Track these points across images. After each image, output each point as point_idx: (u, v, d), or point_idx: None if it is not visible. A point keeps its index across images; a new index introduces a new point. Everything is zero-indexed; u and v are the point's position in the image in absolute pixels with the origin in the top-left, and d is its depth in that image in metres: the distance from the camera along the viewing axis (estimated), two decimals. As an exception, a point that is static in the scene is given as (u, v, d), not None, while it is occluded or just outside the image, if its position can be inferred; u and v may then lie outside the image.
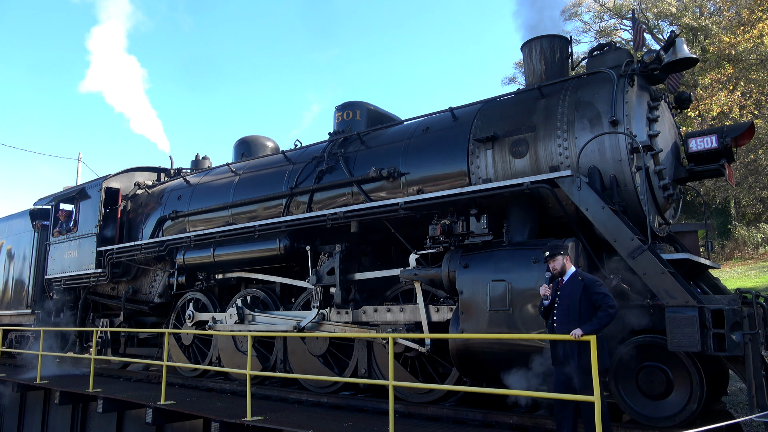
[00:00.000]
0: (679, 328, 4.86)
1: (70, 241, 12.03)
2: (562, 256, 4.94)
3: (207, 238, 9.12)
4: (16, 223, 14.17)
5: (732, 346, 4.67)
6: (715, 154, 6.14)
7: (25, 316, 13.22)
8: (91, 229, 11.47)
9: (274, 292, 9.11)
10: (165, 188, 11.36)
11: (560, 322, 4.85)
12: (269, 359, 8.87)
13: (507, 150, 6.67)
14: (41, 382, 10.30)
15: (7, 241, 14.36)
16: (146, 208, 11.43)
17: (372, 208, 7.14)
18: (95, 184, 11.78)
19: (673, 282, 5.01)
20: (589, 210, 5.54)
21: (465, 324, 5.99)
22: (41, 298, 12.92)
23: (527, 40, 7.40)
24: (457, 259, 6.26)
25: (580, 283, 4.83)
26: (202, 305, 9.95)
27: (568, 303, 4.81)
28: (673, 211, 6.99)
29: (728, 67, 19.00)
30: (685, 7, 21.98)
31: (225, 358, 9.38)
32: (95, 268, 11.16)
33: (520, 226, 6.21)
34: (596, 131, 6.03)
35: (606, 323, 4.65)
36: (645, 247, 5.18)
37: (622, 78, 6.16)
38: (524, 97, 7.02)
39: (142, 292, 11.03)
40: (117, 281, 11.37)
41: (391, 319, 7.16)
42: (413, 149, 7.57)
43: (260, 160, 9.94)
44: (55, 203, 12.77)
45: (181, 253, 9.63)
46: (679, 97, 7.03)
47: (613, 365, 5.65)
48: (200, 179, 10.66)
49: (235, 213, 9.50)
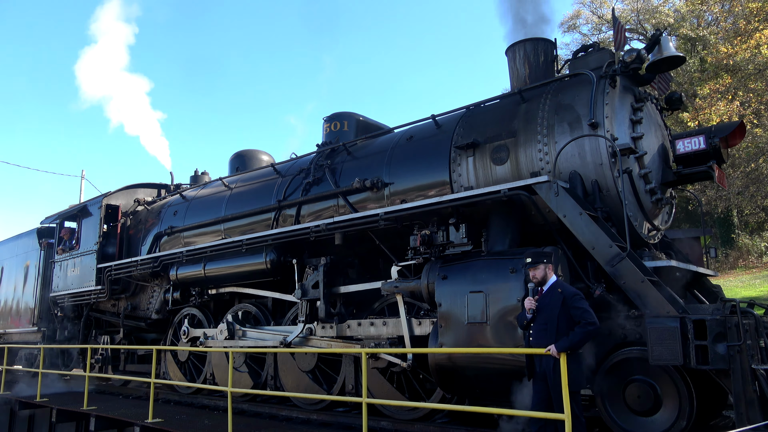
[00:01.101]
0: (660, 340, 4.57)
1: (73, 258, 12.13)
2: (545, 264, 4.66)
3: (198, 253, 9.08)
4: (24, 241, 14.38)
5: (716, 359, 4.37)
6: (704, 156, 5.84)
7: (32, 334, 13.34)
8: (92, 246, 11.54)
9: (266, 307, 8.99)
10: (163, 204, 11.39)
11: (537, 336, 4.58)
12: (261, 375, 8.73)
13: (488, 157, 6.47)
14: (41, 400, 10.32)
15: (17, 259, 14.57)
16: (145, 224, 11.46)
17: (353, 219, 6.99)
18: (96, 201, 11.87)
19: (653, 291, 4.74)
20: (567, 216, 5.30)
21: (444, 338, 5.77)
22: (47, 315, 13.03)
23: (511, 44, 7.22)
24: (436, 270, 6.06)
25: (560, 296, 4.55)
26: (198, 321, 9.89)
27: (546, 316, 4.54)
28: (666, 216, 6.69)
29: (726, 77, 19.01)
30: (682, 18, 21.86)
31: (218, 374, 9.28)
32: (95, 285, 11.21)
33: (501, 235, 5.99)
34: (576, 135, 5.80)
35: (582, 340, 4.36)
36: (623, 254, 4.92)
37: (603, 79, 5.93)
38: (506, 102, 6.83)
39: (140, 308, 11.03)
40: (117, 298, 11.39)
41: (374, 333, 6.97)
42: (396, 159, 7.42)
43: (251, 173, 9.88)
44: (59, 221, 12.92)
45: (174, 268, 9.59)
46: (670, 97, 6.75)
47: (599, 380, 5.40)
48: (195, 194, 10.66)
49: (227, 227, 9.45)
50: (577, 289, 5.59)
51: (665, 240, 7.12)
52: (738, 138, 6.07)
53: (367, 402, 5.44)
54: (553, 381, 4.38)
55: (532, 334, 4.56)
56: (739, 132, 6.02)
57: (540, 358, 4.49)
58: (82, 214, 12.15)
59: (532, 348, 4.49)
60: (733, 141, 6.03)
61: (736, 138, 6.03)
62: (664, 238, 7.16)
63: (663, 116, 6.76)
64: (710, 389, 5.13)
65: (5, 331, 14.53)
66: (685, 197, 18.50)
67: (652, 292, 4.73)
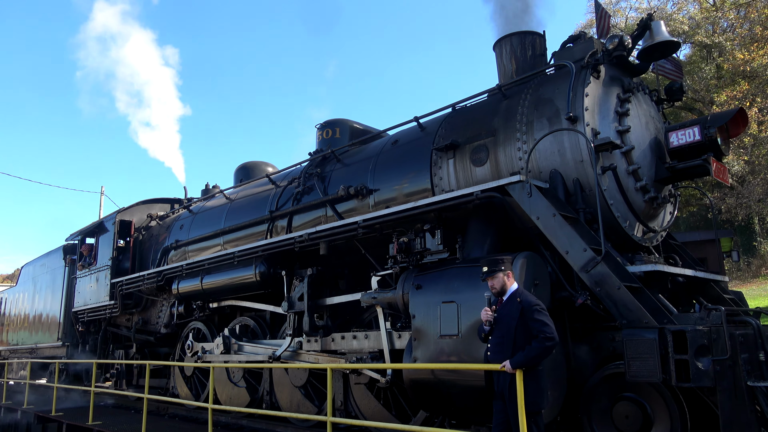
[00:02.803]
0: (637, 353, 4.08)
1: (92, 274, 12.34)
2: (503, 272, 4.24)
3: (196, 267, 9.00)
4: (52, 258, 14.79)
5: (698, 376, 3.84)
6: (700, 149, 5.29)
7: (58, 349, 13.64)
8: (107, 262, 11.71)
9: (265, 320, 8.81)
10: (174, 219, 11.46)
11: (494, 350, 4.16)
12: (258, 390, 8.54)
13: (468, 158, 6.10)
14: (56, 414, 10.48)
15: (47, 276, 15.00)
16: (157, 239, 11.54)
17: (333, 228, 6.72)
18: (110, 217, 12.06)
19: (630, 298, 4.25)
20: (540, 219, 4.87)
21: (417, 352, 5.40)
22: (71, 330, 13.30)
23: (498, 38, 6.83)
24: (411, 279, 5.71)
25: (518, 306, 4.12)
26: (203, 335, 9.81)
27: (504, 328, 4.12)
28: (669, 216, 6.12)
29: (744, 83, 18.49)
30: (697, 25, 21.10)
31: (219, 389, 9.14)
32: (109, 300, 11.34)
33: (479, 241, 5.58)
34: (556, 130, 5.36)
35: (538, 356, 3.92)
36: (599, 258, 4.45)
37: (585, 69, 5.47)
38: (489, 101, 6.44)
39: (151, 323, 11.07)
40: (131, 312, 11.49)
41: (356, 346, 6.64)
42: (381, 165, 7.12)
43: (250, 185, 9.79)
44: (80, 238, 13.20)
45: (176, 282, 9.55)
46: (670, 88, 6.20)
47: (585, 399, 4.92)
48: (200, 208, 10.66)
49: (226, 240, 9.37)
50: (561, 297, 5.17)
51: (672, 243, 6.54)
52: (741, 126, 5.47)
53: (331, 421, 5.12)
54: (509, 400, 3.96)
55: (490, 348, 4.14)
56: (741, 120, 5.42)
57: (498, 375, 4.08)
58: (99, 230, 12.37)
59: (491, 363, 4.07)
60: (735, 130, 5.44)
61: (738, 127, 5.43)
62: (672, 241, 6.57)
63: (660, 108, 6.21)
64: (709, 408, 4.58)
65: (36, 345, 14.94)
66: (704, 204, 17.44)
67: (629, 299, 4.25)
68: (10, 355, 17.08)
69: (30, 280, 16.22)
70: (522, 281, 4.73)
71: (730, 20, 20.19)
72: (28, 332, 15.47)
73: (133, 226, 11.92)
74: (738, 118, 5.36)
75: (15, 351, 16.62)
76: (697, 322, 4.07)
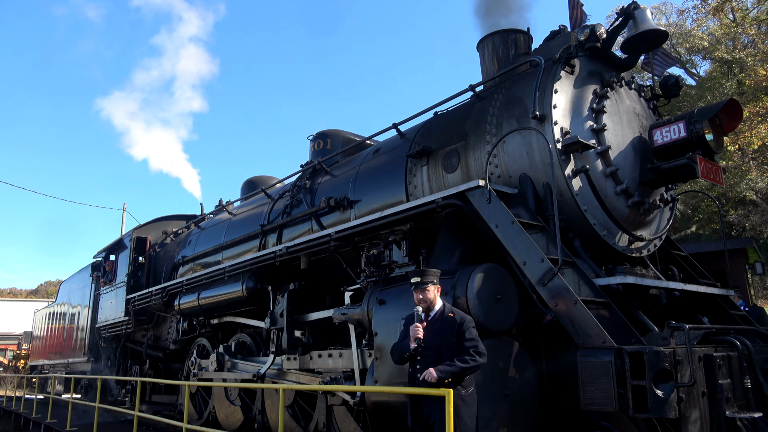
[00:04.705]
0: (592, 377, 3.58)
1: (112, 290, 12.56)
2: (434, 285, 3.86)
3: (194, 283, 8.95)
4: (82, 275, 15.23)
5: (657, 405, 3.30)
6: (687, 147, 4.71)
7: (85, 364, 13.95)
8: (123, 278, 11.88)
9: (261, 337, 8.61)
10: (186, 234, 11.51)
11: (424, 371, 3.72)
12: (252, 409, 8.31)
13: (440, 164, 5.72)
14: (70, 429, 10.61)
15: (78, 292, 15.45)
16: (170, 255, 11.62)
17: (309, 241, 6.47)
18: (128, 234, 12.27)
19: (587, 315, 3.75)
20: (499, 227, 4.44)
21: (378, 372, 5.04)
22: (96, 345, 13.56)
23: (480, 38, 6.45)
24: (376, 294, 5.36)
25: (453, 321, 3.73)
26: (207, 351, 9.72)
27: (438, 347, 3.71)
28: (666, 222, 5.51)
29: (766, 99, 17.63)
30: (717, 41, 20.16)
31: (218, 407, 8.98)
32: (124, 316, 11.47)
33: (447, 252, 5.18)
34: (523, 131, 4.92)
35: (467, 369, 3.52)
36: (555, 270, 3.98)
37: (557, 64, 5.01)
38: (465, 103, 6.05)
39: (162, 338, 11.11)
40: (146, 328, 11.57)
41: (331, 365, 6.32)
42: (362, 175, 6.83)
43: (251, 199, 9.71)
44: (105, 255, 13.50)
45: (178, 298, 9.53)
46: (665, 83, 5.63)
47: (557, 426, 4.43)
48: (208, 223, 10.66)
49: (225, 256, 9.29)
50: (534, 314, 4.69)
51: (676, 254, 5.90)
52: (736, 120, 4.85)
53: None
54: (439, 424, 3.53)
55: (419, 369, 3.72)
56: (735, 112, 4.80)
57: (427, 400, 3.66)
58: (118, 247, 12.60)
59: (420, 386, 3.66)
60: (729, 125, 4.82)
61: (733, 120, 4.82)
62: (675, 251, 5.94)
63: (652, 104, 5.64)
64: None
65: (68, 361, 15.36)
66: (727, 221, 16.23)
67: (586, 316, 3.75)
68: (50, 369, 17.68)
69: (66, 296, 16.78)
70: (479, 296, 4.32)
71: (751, 36, 19.35)
72: (62, 347, 15.95)
73: (149, 242, 12.07)
74: (731, 111, 4.75)
75: (54, 366, 17.18)
76: (660, 342, 3.53)
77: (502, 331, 4.45)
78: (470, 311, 4.30)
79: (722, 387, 3.56)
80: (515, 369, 4.44)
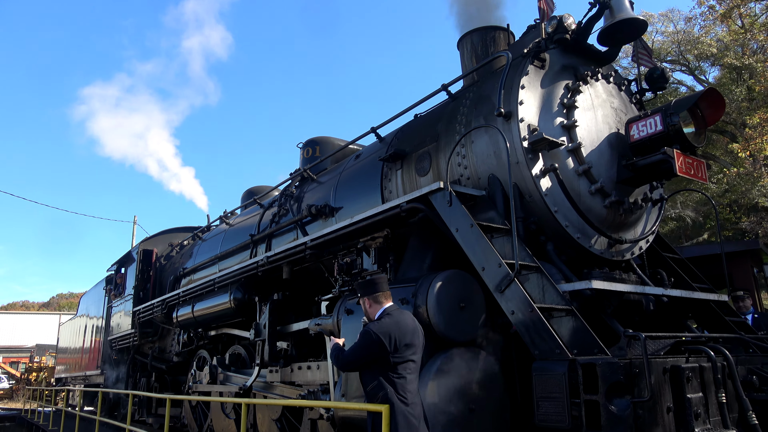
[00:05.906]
0: (546, 391, 3.30)
1: (121, 303, 12.66)
2: (359, 297, 3.74)
3: (189, 294, 8.89)
4: (97, 289, 15.43)
5: (610, 422, 3.00)
6: (665, 141, 4.38)
7: (98, 377, 14.07)
8: (130, 291, 11.96)
9: (255, 348, 8.48)
10: (190, 246, 11.53)
11: None
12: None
13: (413, 167, 5.50)
14: (77, 442, 10.69)
15: (94, 306, 15.66)
16: (174, 267, 11.64)
17: (287, 250, 6.31)
18: (136, 247, 12.36)
19: (541, 323, 3.47)
20: (459, 231, 4.19)
21: (345, 386, 4.82)
22: (109, 358, 13.68)
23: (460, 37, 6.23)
24: (345, 304, 5.16)
25: None
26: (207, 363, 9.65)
27: None
28: (652, 224, 5.17)
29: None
30: (726, 47, 19.45)
31: (215, 420, 8.88)
32: (131, 329, 11.52)
33: (417, 259, 4.94)
34: (491, 130, 4.67)
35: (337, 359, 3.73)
36: (512, 276, 3.71)
37: (526, 59, 4.75)
38: (440, 104, 5.83)
39: (166, 351, 11.10)
40: (152, 341, 11.59)
41: (310, 378, 6.13)
42: (343, 181, 6.67)
43: (247, 209, 9.63)
44: (116, 268, 13.64)
45: (176, 310, 9.49)
46: (650, 75, 5.31)
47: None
48: (208, 234, 10.64)
49: (221, 267, 9.21)
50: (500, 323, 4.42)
51: (668, 257, 5.54)
52: (718, 111, 4.49)
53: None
54: None
55: None
56: (717, 103, 4.45)
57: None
58: (127, 260, 12.70)
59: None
60: (712, 116, 4.47)
61: (716, 111, 4.47)
62: (667, 254, 5.57)
63: (634, 98, 5.30)
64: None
65: (86, 374, 15.55)
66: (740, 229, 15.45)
67: (541, 325, 3.47)
68: (72, 381, 17.95)
69: (85, 309, 17.04)
70: (440, 304, 4.07)
71: (761, 42, 18.67)
72: (80, 360, 16.17)
73: (155, 254, 12.12)
74: (712, 101, 4.40)
75: (75, 378, 17.44)
76: (616, 353, 3.24)
77: (466, 341, 4.19)
78: (430, 320, 4.07)
79: (691, 402, 3.23)
80: (482, 381, 4.16)
